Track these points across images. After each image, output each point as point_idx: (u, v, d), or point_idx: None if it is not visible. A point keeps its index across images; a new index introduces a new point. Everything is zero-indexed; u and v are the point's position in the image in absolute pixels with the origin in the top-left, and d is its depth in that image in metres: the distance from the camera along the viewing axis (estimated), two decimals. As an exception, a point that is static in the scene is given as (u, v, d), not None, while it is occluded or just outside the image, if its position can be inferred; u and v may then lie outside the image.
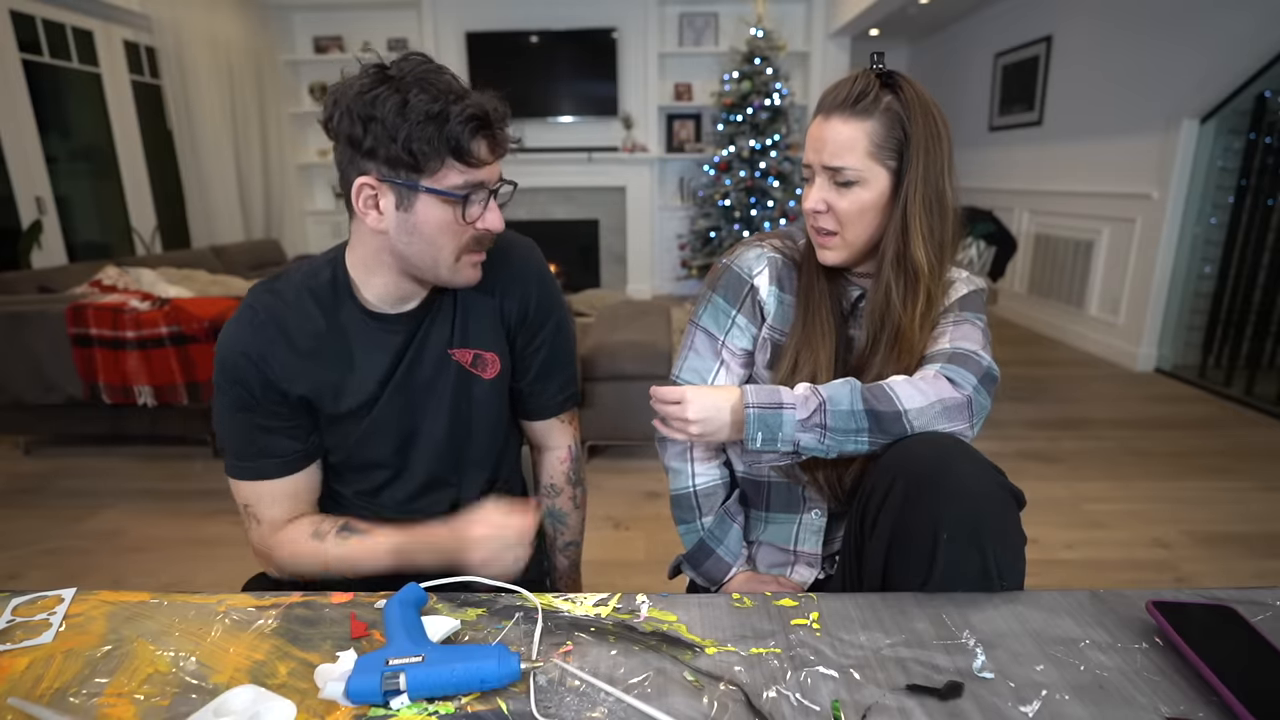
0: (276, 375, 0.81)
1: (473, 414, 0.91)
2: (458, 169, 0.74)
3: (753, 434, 0.79)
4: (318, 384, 0.83)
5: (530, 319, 0.93)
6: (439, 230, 0.76)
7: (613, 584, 1.88)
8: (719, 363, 0.96)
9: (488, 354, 0.90)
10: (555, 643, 0.63)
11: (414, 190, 0.74)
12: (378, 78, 0.72)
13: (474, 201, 0.76)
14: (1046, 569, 1.93)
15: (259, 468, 0.84)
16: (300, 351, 0.82)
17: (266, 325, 0.81)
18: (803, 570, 0.99)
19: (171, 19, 4.36)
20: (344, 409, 0.85)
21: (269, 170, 5.30)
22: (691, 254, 5.52)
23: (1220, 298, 3.49)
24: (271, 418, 0.83)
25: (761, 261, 0.94)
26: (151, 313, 2.52)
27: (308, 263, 0.87)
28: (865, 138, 0.82)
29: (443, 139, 0.71)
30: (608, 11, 5.35)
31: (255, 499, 0.85)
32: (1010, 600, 0.68)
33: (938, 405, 0.77)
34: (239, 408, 0.82)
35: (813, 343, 0.90)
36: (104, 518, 2.31)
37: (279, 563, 0.86)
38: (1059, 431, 2.92)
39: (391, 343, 0.85)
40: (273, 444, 0.84)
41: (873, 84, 0.82)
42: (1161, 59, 3.49)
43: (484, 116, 0.73)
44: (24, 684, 0.58)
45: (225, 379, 0.82)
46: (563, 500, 1.04)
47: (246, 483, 0.84)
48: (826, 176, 0.85)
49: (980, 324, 0.88)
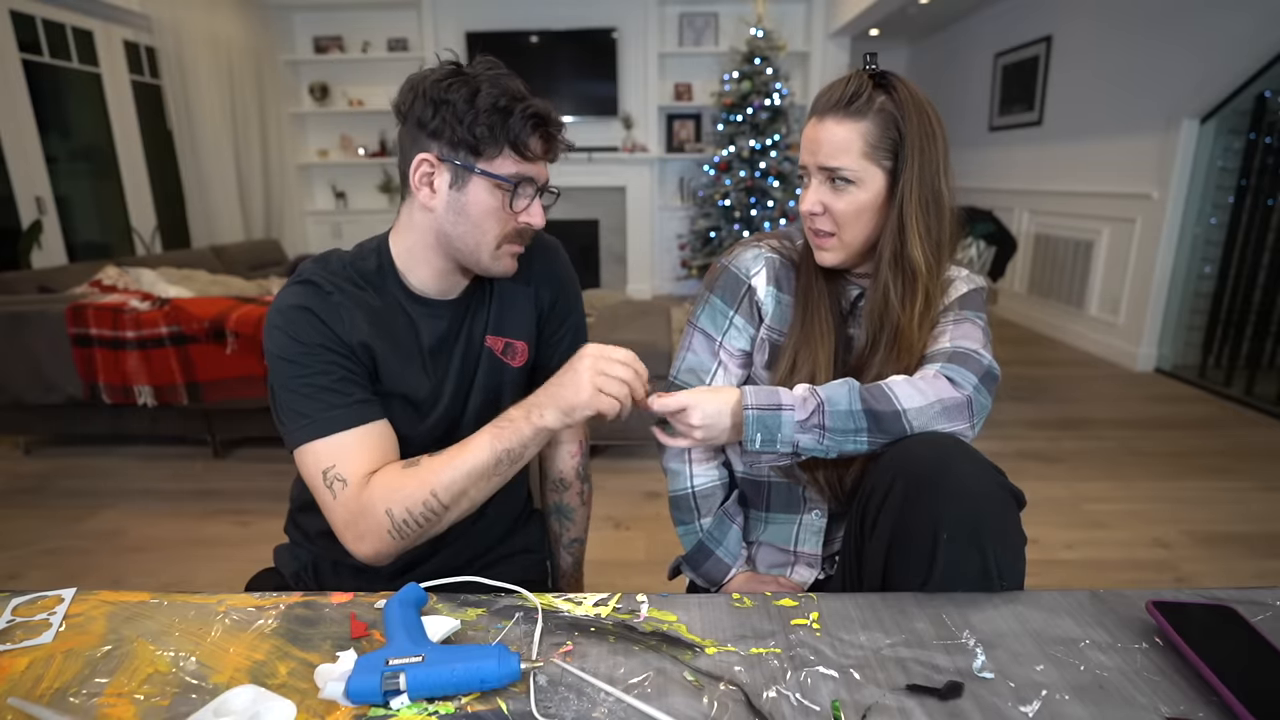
0: (342, 329, 0.80)
1: (499, 401, 0.92)
2: (513, 159, 0.79)
3: (751, 435, 0.78)
4: (378, 346, 0.82)
5: (559, 309, 0.97)
6: (485, 214, 0.80)
7: (613, 584, 1.88)
8: (717, 363, 0.97)
9: (518, 343, 0.93)
10: (555, 643, 0.63)
11: (469, 171, 0.79)
12: (453, 72, 0.78)
13: (522, 194, 0.81)
14: (1046, 569, 1.93)
15: (335, 418, 0.77)
16: (362, 312, 0.82)
17: (324, 287, 0.81)
18: (803, 570, 0.99)
19: (171, 19, 4.36)
20: (389, 388, 0.85)
21: (269, 170, 5.30)
22: (691, 254, 5.52)
23: (1220, 298, 3.49)
24: (339, 368, 0.79)
25: (759, 262, 0.94)
26: (151, 313, 2.52)
27: (349, 251, 0.87)
28: (860, 138, 0.82)
29: (504, 129, 0.77)
30: (608, 11, 5.35)
31: (338, 455, 0.77)
32: (1010, 600, 0.68)
33: (937, 405, 0.77)
34: (304, 366, 0.78)
35: (811, 343, 0.90)
36: (104, 518, 2.31)
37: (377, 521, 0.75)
38: (1059, 431, 2.92)
39: (438, 328, 0.87)
40: (346, 391, 0.79)
41: (866, 84, 0.83)
42: (1161, 59, 3.49)
43: (545, 117, 0.79)
44: (24, 684, 0.58)
45: (287, 337, 0.78)
46: (570, 495, 1.05)
47: (323, 441, 0.77)
48: (822, 177, 0.85)
49: (981, 322, 0.88)
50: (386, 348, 0.84)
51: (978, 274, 0.95)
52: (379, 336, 0.83)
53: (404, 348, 0.85)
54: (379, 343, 0.83)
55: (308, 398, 0.78)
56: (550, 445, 1.04)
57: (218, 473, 2.67)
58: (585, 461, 1.06)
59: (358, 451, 0.77)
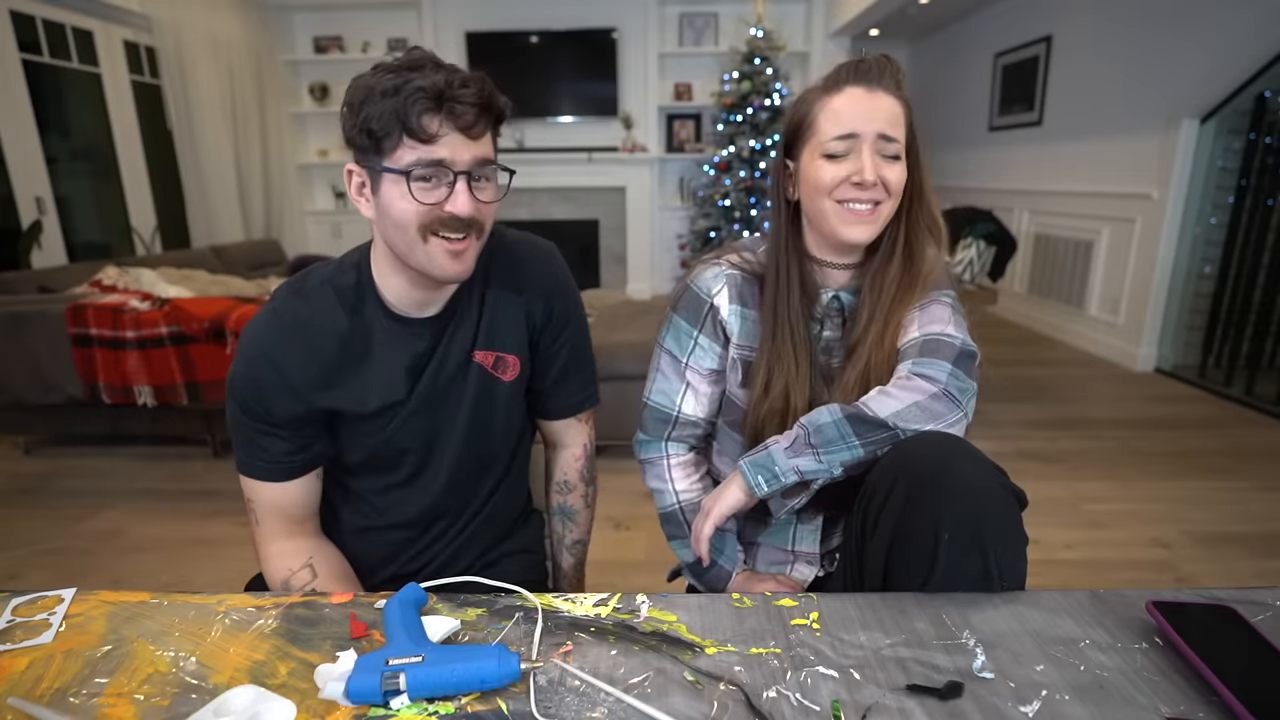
0: (298, 383, 0.81)
1: (492, 415, 0.91)
2: (409, 145, 0.72)
3: (754, 481, 0.80)
4: (340, 391, 0.83)
5: (555, 320, 0.93)
6: (400, 212, 0.74)
7: (613, 584, 1.88)
8: (684, 385, 0.97)
9: (509, 356, 0.90)
10: (555, 643, 0.63)
11: (376, 172, 0.74)
12: (372, 69, 0.73)
13: (436, 183, 0.73)
14: (1046, 569, 1.93)
15: (256, 467, 0.85)
16: (324, 359, 0.82)
17: (292, 330, 0.81)
18: (802, 568, 0.99)
19: (171, 19, 4.36)
20: (368, 410, 0.84)
21: (269, 170, 5.30)
22: (691, 254, 5.51)
23: (1220, 298, 3.49)
24: (279, 425, 0.83)
25: (720, 280, 0.93)
26: (151, 313, 2.52)
27: (334, 262, 0.87)
28: (905, 114, 0.85)
29: (394, 115, 0.70)
30: (608, 11, 5.34)
31: (255, 496, 0.86)
32: (1010, 600, 0.68)
33: (914, 407, 0.77)
34: (247, 408, 0.82)
35: (783, 354, 0.90)
36: (104, 518, 2.30)
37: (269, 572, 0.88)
38: (1059, 431, 2.92)
39: (416, 346, 0.85)
40: (272, 447, 0.84)
41: (895, 67, 0.86)
42: (1161, 59, 3.49)
43: (436, 89, 0.69)
44: (24, 684, 0.58)
45: (243, 378, 0.81)
46: (574, 497, 1.04)
47: (244, 480, 0.86)
48: (878, 147, 0.84)
49: (948, 300, 0.89)
50: (355, 379, 0.84)
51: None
52: (346, 371, 0.83)
53: (378, 368, 0.84)
54: (345, 378, 0.83)
55: (243, 438, 0.84)
56: (556, 448, 1.04)
57: (218, 473, 2.67)
58: (590, 464, 1.05)
59: (265, 504, 0.86)
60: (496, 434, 0.93)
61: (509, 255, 0.89)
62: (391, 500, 0.92)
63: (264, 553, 0.88)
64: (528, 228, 0.94)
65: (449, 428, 0.89)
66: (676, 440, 1.02)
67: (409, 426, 0.87)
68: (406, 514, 0.92)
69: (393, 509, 0.92)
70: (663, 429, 1.01)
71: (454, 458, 0.90)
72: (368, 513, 0.93)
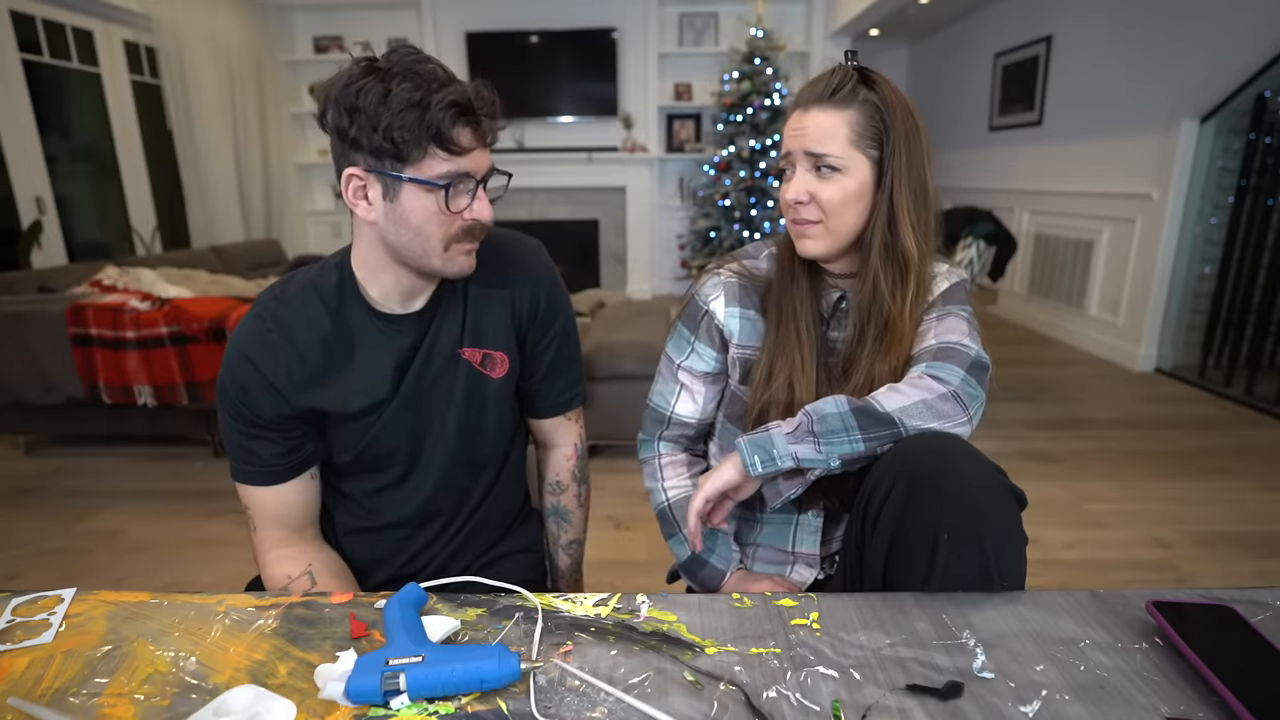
0: (281, 385, 0.82)
1: (483, 414, 0.91)
2: (440, 157, 0.73)
3: (750, 460, 0.79)
4: (324, 391, 0.84)
5: (541, 317, 0.93)
6: (425, 220, 0.76)
7: (613, 584, 1.88)
8: (679, 386, 0.99)
9: (497, 353, 0.90)
10: (555, 643, 0.63)
11: (398, 180, 0.74)
12: (365, 70, 0.72)
13: (461, 191, 0.76)
14: (1046, 569, 1.93)
15: (249, 473, 0.85)
16: (307, 361, 0.82)
17: (274, 334, 0.82)
18: (802, 570, 0.99)
19: (171, 19, 4.36)
20: (354, 409, 0.85)
21: (269, 170, 5.30)
22: (691, 254, 5.52)
23: (1220, 298, 3.49)
24: (266, 427, 0.83)
25: (717, 289, 0.95)
26: (151, 313, 2.52)
27: (317, 264, 0.87)
28: (846, 126, 0.82)
29: (424, 127, 0.71)
30: (608, 11, 5.35)
31: (250, 501, 0.87)
32: (1010, 600, 0.68)
33: (921, 404, 0.77)
34: (235, 412, 0.83)
35: (787, 348, 0.89)
36: (104, 518, 2.30)
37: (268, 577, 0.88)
38: (1059, 431, 2.92)
39: (400, 343, 0.85)
40: (262, 451, 0.84)
41: (850, 76, 0.83)
42: (1161, 59, 3.49)
43: (466, 103, 0.72)
44: (24, 684, 0.58)
45: (229, 382, 0.82)
46: (567, 497, 1.04)
47: (239, 486, 0.86)
48: (808, 164, 0.84)
49: (965, 314, 0.88)
50: (340, 379, 0.84)
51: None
52: (331, 372, 0.83)
53: (363, 368, 0.84)
54: (330, 379, 0.83)
55: (234, 444, 0.85)
56: (547, 448, 1.04)
57: (218, 473, 2.66)
58: (582, 464, 1.05)
59: (261, 509, 0.87)
60: (487, 434, 0.93)
61: (493, 251, 0.89)
62: (383, 501, 0.92)
63: (263, 560, 0.88)
64: (528, 228, 0.95)
65: (438, 426, 0.89)
66: (669, 440, 1.04)
67: (395, 424, 0.87)
68: (399, 515, 0.92)
69: (384, 510, 0.92)
70: (657, 428, 1.03)
71: (444, 458, 0.90)
72: (361, 515, 0.93)
